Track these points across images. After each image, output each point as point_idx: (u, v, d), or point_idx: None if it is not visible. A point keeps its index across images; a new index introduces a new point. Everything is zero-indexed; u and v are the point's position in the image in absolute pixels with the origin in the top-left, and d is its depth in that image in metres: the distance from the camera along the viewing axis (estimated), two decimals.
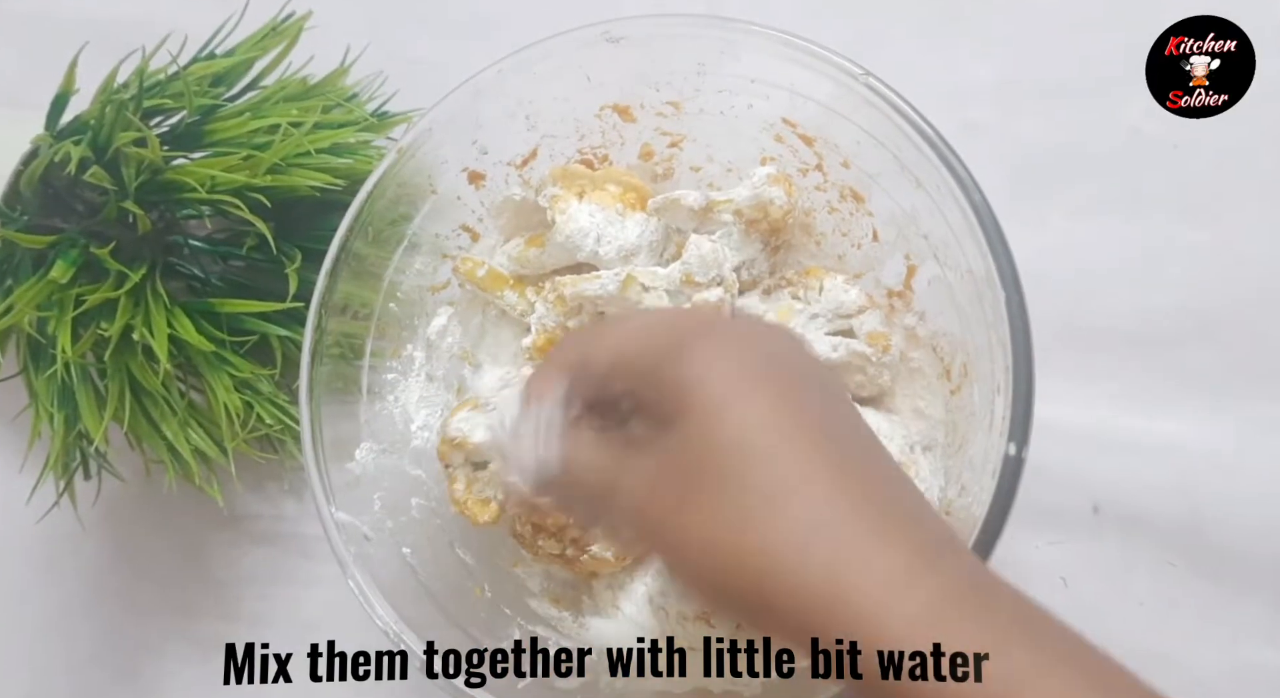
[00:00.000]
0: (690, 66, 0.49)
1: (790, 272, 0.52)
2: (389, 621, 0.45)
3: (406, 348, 0.53)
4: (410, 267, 0.52)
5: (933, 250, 0.47)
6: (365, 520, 0.48)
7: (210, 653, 0.61)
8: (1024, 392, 0.40)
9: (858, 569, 0.29)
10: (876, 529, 0.29)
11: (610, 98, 0.51)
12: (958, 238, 0.44)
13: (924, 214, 0.46)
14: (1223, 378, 0.54)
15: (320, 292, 0.48)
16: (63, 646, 0.62)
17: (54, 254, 0.53)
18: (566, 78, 0.49)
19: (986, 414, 0.43)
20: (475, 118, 0.50)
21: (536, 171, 0.53)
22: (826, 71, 0.45)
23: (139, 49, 0.54)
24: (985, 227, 0.42)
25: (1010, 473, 0.39)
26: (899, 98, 0.44)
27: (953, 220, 0.44)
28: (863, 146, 0.47)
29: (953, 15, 0.59)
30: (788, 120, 0.49)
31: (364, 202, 0.48)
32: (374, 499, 0.49)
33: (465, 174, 0.52)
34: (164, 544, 0.62)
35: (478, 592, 0.51)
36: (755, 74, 0.48)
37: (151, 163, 0.51)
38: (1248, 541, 0.52)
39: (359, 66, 0.59)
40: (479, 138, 0.51)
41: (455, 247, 0.54)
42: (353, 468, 0.49)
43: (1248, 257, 0.55)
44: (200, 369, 0.53)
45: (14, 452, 0.59)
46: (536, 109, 0.51)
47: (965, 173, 0.43)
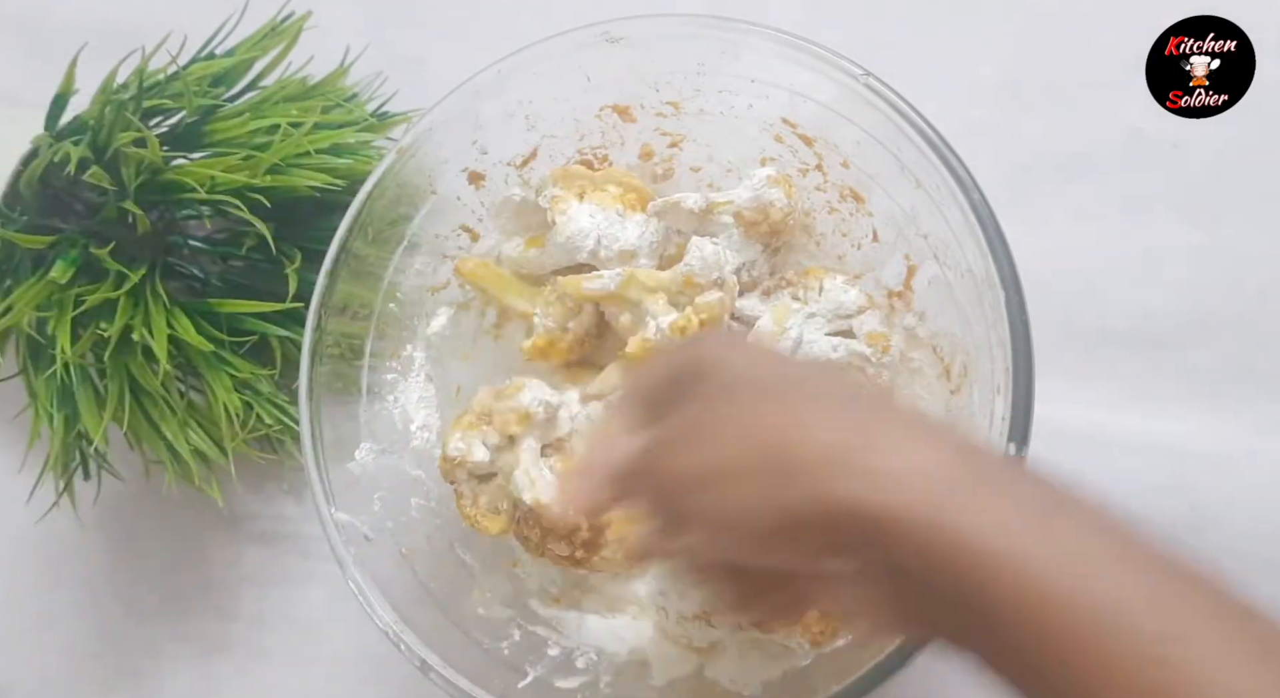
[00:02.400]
0: (690, 66, 0.49)
1: (790, 272, 0.52)
2: (389, 621, 0.45)
3: (406, 348, 0.53)
4: (410, 267, 0.52)
5: (933, 250, 0.47)
6: (365, 521, 0.48)
7: (210, 653, 0.61)
8: (1024, 392, 0.40)
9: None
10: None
11: (610, 98, 0.51)
12: (958, 238, 0.44)
13: (924, 214, 0.46)
14: (1223, 378, 0.54)
15: (320, 292, 0.48)
16: (63, 646, 0.62)
17: (53, 254, 0.53)
18: (566, 78, 0.49)
19: (986, 414, 0.43)
20: (475, 118, 0.50)
21: (536, 172, 0.53)
22: (827, 72, 0.45)
23: (139, 49, 0.54)
24: (985, 227, 0.42)
25: None
26: (899, 98, 0.44)
27: (953, 220, 0.44)
28: (863, 147, 0.47)
29: (953, 15, 0.59)
30: (788, 120, 0.49)
31: (364, 202, 0.48)
32: (374, 500, 0.49)
33: (465, 174, 0.52)
34: (163, 545, 0.62)
35: (477, 592, 0.51)
36: (755, 74, 0.48)
37: (151, 163, 0.51)
38: (1248, 541, 0.52)
39: (359, 66, 0.59)
40: (479, 138, 0.51)
41: (455, 247, 0.54)
42: (352, 468, 0.49)
43: (1248, 257, 0.55)
44: (200, 369, 0.53)
45: (14, 452, 0.59)
46: (536, 109, 0.51)
47: (965, 173, 0.43)
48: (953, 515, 0.28)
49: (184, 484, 0.55)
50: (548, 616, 0.51)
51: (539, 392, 0.49)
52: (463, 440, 0.48)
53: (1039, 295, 0.42)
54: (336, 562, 0.46)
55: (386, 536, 0.49)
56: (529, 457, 0.48)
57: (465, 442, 0.48)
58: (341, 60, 0.58)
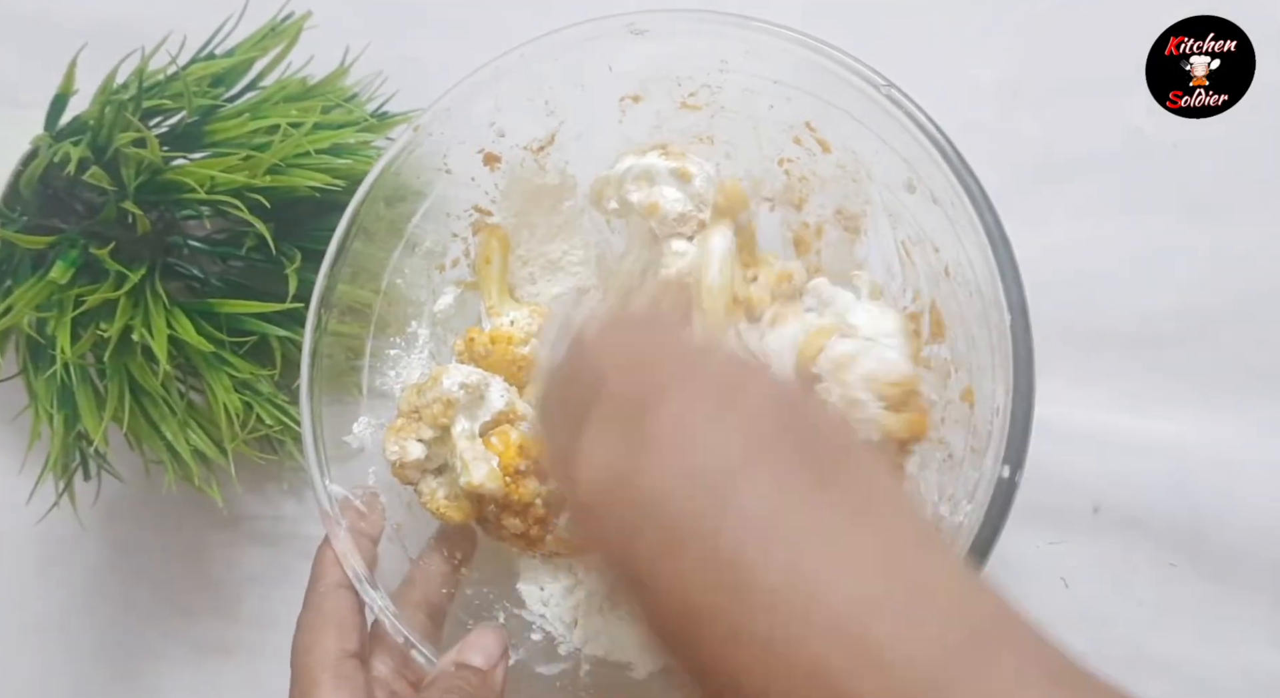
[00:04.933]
0: (713, 63, 0.49)
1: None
2: (386, 606, 0.45)
3: (411, 324, 0.54)
4: (422, 240, 0.53)
5: (943, 266, 0.47)
6: (358, 494, 0.49)
7: (209, 654, 0.61)
8: (1023, 417, 0.40)
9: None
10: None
11: (630, 89, 0.51)
12: (969, 257, 0.43)
13: (939, 230, 0.46)
14: (1223, 378, 0.54)
15: (320, 289, 0.49)
16: (63, 646, 0.62)
17: (53, 255, 0.53)
18: (588, 66, 0.49)
19: (984, 435, 0.43)
20: (495, 100, 0.50)
21: (553, 158, 0.53)
22: (849, 79, 0.45)
23: (138, 49, 0.54)
24: (997, 248, 0.42)
25: (1003, 495, 0.40)
26: (920, 112, 0.44)
27: (965, 238, 0.43)
28: (880, 156, 0.47)
29: (953, 15, 0.59)
30: (810, 125, 0.49)
31: (380, 172, 0.49)
32: (369, 474, 0.50)
33: (481, 155, 0.52)
34: (163, 545, 0.62)
35: (464, 570, 0.51)
36: (779, 76, 0.48)
37: (151, 163, 0.51)
38: (1248, 541, 0.52)
39: (359, 66, 0.59)
40: (497, 120, 0.51)
41: (466, 226, 0.54)
42: (350, 441, 0.50)
43: (1248, 257, 0.54)
44: (200, 370, 0.53)
45: (14, 452, 0.59)
46: (556, 95, 0.51)
47: (980, 193, 0.42)
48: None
49: (184, 484, 0.55)
50: (532, 598, 0.51)
51: (457, 375, 0.48)
52: (396, 444, 0.49)
53: (1039, 295, 0.41)
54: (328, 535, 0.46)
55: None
56: (463, 442, 0.48)
57: (399, 444, 0.49)
58: (341, 60, 0.58)
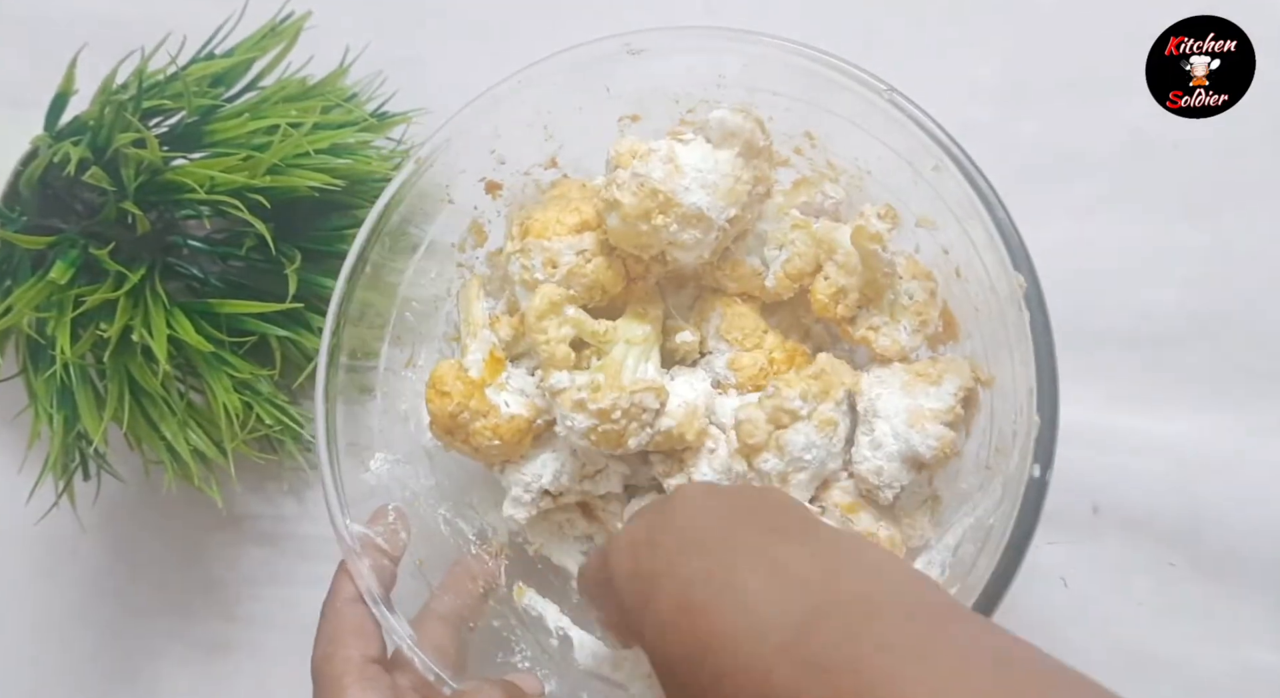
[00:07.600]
0: (711, 78, 0.48)
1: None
2: (390, 618, 0.45)
3: (421, 352, 0.53)
4: (427, 273, 0.52)
5: (954, 266, 0.46)
6: (378, 532, 0.47)
7: (209, 653, 0.61)
8: (1050, 414, 0.40)
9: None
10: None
11: (628, 109, 0.50)
12: (981, 256, 0.43)
13: (950, 233, 0.46)
14: (1223, 378, 0.54)
15: (337, 299, 0.48)
16: (62, 646, 0.62)
17: (53, 255, 0.53)
18: (586, 88, 0.49)
19: (1009, 436, 0.43)
20: (494, 127, 0.49)
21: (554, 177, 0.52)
22: (849, 86, 0.45)
23: (138, 49, 0.54)
24: (1009, 243, 0.42)
25: (1035, 494, 0.40)
26: (923, 114, 0.44)
27: (976, 239, 0.43)
28: (884, 161, 0.47)
29: (953, 16, 0.59)
30: (810, 134, 0.49)
31: (381, 213, 0.48)
32: (389, 510, 0.49)
33: (483, 183, 0.52)
34: (163, 545, 0.62)
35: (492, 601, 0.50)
36: (775, 87, 0.47)
37: (151, 163, 0.51)
38: (1248, 541, 0.52)
39: (359, 66, 0.59)
40: (497, 147, 0.51)
41: (467, 255, 0.54)
42: (368, 479, 0.49)
43: (1248, 257, 0.54)
44: (200, 370, 0.53)
45: (14, 452, 0.59)
46: (555, 119, 0.50)
47: (990, 191, 0.42)
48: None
49: (184, 484, 0.55)
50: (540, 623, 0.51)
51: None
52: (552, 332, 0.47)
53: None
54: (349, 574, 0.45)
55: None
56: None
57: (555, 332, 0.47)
58: (341, 60, 0.58)
